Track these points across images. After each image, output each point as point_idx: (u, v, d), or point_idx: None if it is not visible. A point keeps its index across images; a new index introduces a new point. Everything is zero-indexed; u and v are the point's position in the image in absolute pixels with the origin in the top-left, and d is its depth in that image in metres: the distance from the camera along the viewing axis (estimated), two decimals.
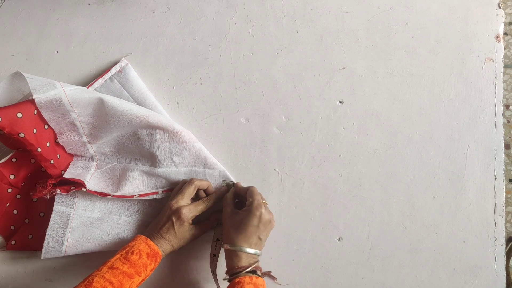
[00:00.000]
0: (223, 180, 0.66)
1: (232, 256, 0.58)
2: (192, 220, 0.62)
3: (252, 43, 0.68)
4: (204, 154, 0.66)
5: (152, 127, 0.64)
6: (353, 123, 0.67)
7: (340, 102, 0.67)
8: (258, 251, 0.59)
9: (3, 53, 0.71)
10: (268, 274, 0.62)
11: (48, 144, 0.64)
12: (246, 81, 0.68)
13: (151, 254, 0.58)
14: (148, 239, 0.59)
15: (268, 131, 0.68)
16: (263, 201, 0.61)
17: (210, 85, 0.69)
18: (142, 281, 0.57)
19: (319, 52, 0.68)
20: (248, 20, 0.69)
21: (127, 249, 0.57)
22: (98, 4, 0.70)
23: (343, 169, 0.67)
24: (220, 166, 0.66)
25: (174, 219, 0.61)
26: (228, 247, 0.58)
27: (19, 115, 0.58)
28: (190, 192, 0.62)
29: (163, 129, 0.63)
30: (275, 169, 0.68)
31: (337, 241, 0.67)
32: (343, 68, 0.67)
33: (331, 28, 0.67)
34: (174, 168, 0.66)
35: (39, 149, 0.61)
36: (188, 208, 0.61)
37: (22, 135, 0.58)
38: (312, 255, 0.67)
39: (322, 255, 0.66)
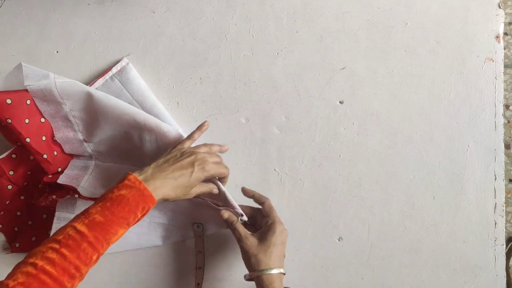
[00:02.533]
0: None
1: (269, 281, 0.55)
2: None
3: (252, 43, 0.69)
4: None
5: (140, 128, 0.64)
6: (353, 123, 0.68)
7: (340, 102, 0.68)
8: (281, 269, 0.58)
9: (3, 53, 0.72)
10: None
11: (43, 138, 0.65)
12: (246, 81, 0.69)
13: (142, 202, 0.50)
14: (142, 183, 0.50)
15: (268, 131, 0.68)
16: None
17: (210, 85, 0.69)
18: (127, 230, 0.50)
19: (319, 52, 0.68)
20: (248, 20, 0.69)
21: (114, 194, 0.49)
22: (98, 4, 0.71)
23: (343, 169, 0.68)
24: None
25: (196, 167, 0.54)
26: (266, 273, 0.55)
27: (9, 101, 0.60)
28: (217, 159, 0.59)
29: (150, 130, 0.63)
30: (275, 169, 0.68)
31: (337, 241, 0.67)
32: (343, 68, 0.68)
33: (331, 28, 0.68)
34: None
35: (28, 139, 0.62)
36: (214, 165, 0.57)
37: (9, 121, 0.61)
38: (312, 255, 0.67)
39: (322, 255, 0.67)
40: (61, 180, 0.63)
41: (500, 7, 0.66)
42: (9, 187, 0.67)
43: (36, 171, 0.68)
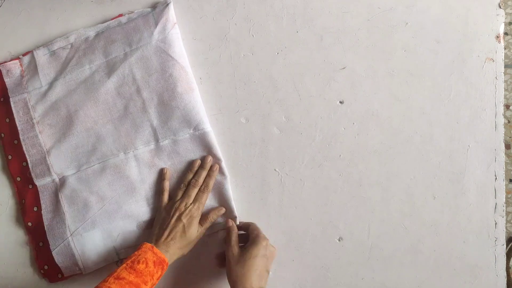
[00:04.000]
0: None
1: None
2: None
3: (252, 43, 0.69)
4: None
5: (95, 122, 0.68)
6: (353, 123, 0.68)
7: (340, 102, 0.68)
8: None
9: (3, 53, 0.72)
10: None
11: (15, 142, 0.70)
12: (246, 81, 0.69)
13: (157, 262, 0.58)
14: (154, 247, 0.59)
15: (268, 131, 0.69)
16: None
17: (210, 85, 0.70)
18: None
19: (319, 52, 0.69)
20: (248, 20, 0.70)
21: (133, 258, 0.58)
22: (98, 4, 0.71)
23: (343, 169, 0.68)
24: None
25: (185, 221, 0.62)
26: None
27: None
28: (194, 192, 0.65)
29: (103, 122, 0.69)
30: (275, 169, 0.69)
31: (337, 241, 0.68)
32: (343, 68, 0.68)
33: (331, 28, 0.68)
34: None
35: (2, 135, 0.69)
36: (196, 205, 0.64)
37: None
38: (312, 255, 0.68)
39: (322, 255, 0.67)
40: (66, 273, 0.68)
41: (500, 7, 0.67)
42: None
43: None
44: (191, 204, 0.64)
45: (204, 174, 0.66)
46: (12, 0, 0.73)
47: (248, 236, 0.64)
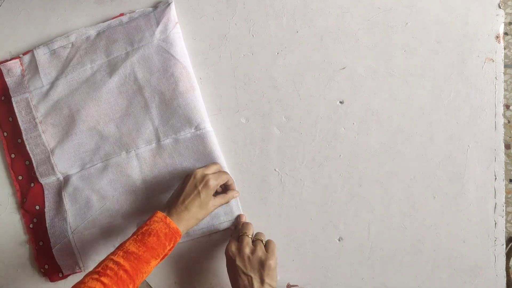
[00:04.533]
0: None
1: None
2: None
3: (252, 43, 0.70)
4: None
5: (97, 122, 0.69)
6: (353, 123, 0.68)
7: (340, 102, 0.69)
8: None
9: (2, 53, 0.73)
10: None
11: (18, 141, 0.71)
12: (246, 81, 0.70)
13: (169, 234, 0.56)
14: (167, 218, 0.57)
15: (268, 131, 0.69)
16: (259, 238, 0.63)
17: (210, 85, 0.70)
18: (159, 262, 0.57)
19: (319, 52, 0.69)
20: (248, 20, 0.70)
21: (144, 228, 0.56)
22: (98, 4, 0.72)
23: (343, 169, 0.68)
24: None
25: (200, 188, 0.60)
26: None
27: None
28: (215, 168, 0.64)
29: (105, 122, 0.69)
30: (275, 169, 0.69)
31: (337, 241, 0.68)
32: (343, 68, 0.68)
33: (331, 28, 0.69)
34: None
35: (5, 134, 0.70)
36: (214, 176, 0.61)
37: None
38: (312, 255, 0.68)
39: (322, 255, 0.68)
40: (65, 272, 0.69)
41: (500, 7, 0.67)
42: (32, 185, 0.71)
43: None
44: (209, 173, 0.62)
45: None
46: (12, 0, 0.73)
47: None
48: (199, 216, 0.60)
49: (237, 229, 0.66)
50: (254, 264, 0.59)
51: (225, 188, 0.66)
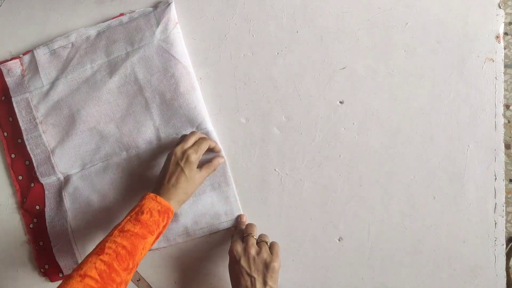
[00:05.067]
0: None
1: None
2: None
3: (252, 43, 0.70)
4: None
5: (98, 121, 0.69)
6: (353, 123, 0.68)
7: (340, 102, 0.69)
8: None
9: (2, 53, 0.73)
10: None
11: (19, 141, 0.71)
12: (246, 81, 0.70)
13: (162, 210, 0.58)
14: (158, 196, 0.58)
15: (268, 131, 0.69)
16: (264, 240, 0.63)
17: (210, 85, 0.70)
18: (156, 238, 0.58)
19: (319, 52, 0.69)
20: (248, 20, 0.70)
21: (136, 209, 0.57)
22: (98, 4, 0.72)
23: (343, 169, 0.68)
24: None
25: (182, 164, 0.61)
26: None
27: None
28: (193, 138, 0.64)
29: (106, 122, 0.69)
30: (275, 169, 0.69)
31: (337, 241, 0.68)
32: (343, 68, 0.69)
33: (331, 28, 0.69)
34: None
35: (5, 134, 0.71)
36: (193, 148, 0.62)
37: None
38: (312, 255, 0.68)
39: (322, 255, 0.68)
40: (65, 271, 0.69)
41: (500, 7, 0.67)
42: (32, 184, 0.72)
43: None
44: (188, 148, 0.62)
45: (200, 134, 0.66)
46: (12, 0, 0.73)
47: None
48: (189, 191, 0.61)
49: (239, 229, 0.66)
50: (258, 266, 0.59)
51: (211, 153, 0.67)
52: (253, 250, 0.60)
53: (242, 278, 0.58)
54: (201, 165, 0.64)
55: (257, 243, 0.62)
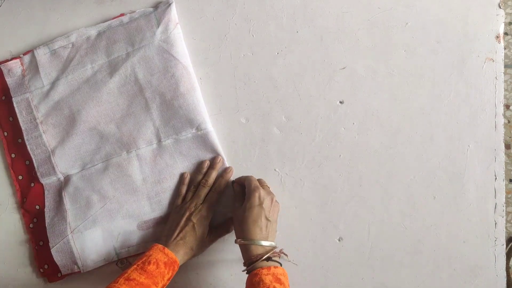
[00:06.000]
0: (232, 181, 0.69)
1: (246, 249, 0.59)
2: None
3: (252, 43, 0.70)
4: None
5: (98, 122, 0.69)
6: (353, 123, 0.69)
7: (340, 102, 0.69)
8: (272, 243, 0.60)
9: (2, 53, 0.73)
10: (281, 253, 0.62)
11: (19, 141, 0.71)
12: (246, 81, 0.70)
13: (168, 263, 0.59)
14: (165, 248, 0.60)
15: (268, 131, 0.70)
16: (265, 185, 0.65)
17: (210, 85, 0.71)
18: None
19: (319, 52, 0.69)
20: (248, 20, 0.70)
21: (143, 258, 0.58)
22: (98, 4, 0.72)
23: (343, 169, 0.69)
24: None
25: (195, 221, 0.63)
26: (241, 241, 0.59)
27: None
28: (205, 191, 0.66)
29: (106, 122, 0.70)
30: (275, 169, 0.69)
31: (337, 241, 0.68)
32: (343, 68, 0.69)
33: (331, 28, 0.69)
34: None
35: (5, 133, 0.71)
36: (206, 205, 0.64)
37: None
38: (312, 255, 0.68)
39: (322, 255, 0.68)
40: (64, 271, 0.69)
41: (500, 7, 0.67)
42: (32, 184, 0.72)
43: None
44: (201, 204, 0.65)
45: (214, 174, 0.67)
46: (12, 0, 0.74)
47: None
48: (196, 250, 0.63)
49: (252, 180, 0.65)
50: (275, 213, 0.63)
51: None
52: (274, 198, 0.63)
53: (260, 220, 0.59)
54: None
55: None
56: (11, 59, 0.72)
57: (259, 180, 0.67)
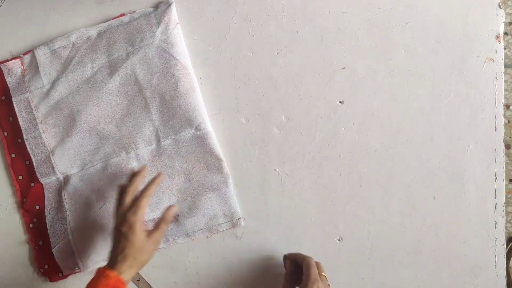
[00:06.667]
0: (284, 255, 0.66)
1: None
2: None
3: (252, 43, 0.70)
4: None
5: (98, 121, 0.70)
6: (353, 123, 0.69)
7: (340, 102, 0.69)
8: None
9: (2, 53, 0.74)
10: None
11: (19, 141, 0.71)
12: (246, 81, 0.70)
13: (115, 285, 0.55)
14: (107, 269, 0.57)
15: (268, 131, 0.70)
16: (322, 273, 0.61)
17: (210, 85, 0.71)
18: None
19: (319, 52, 0.69)
20: (248, 20, 0.71)
21: (91, 286, 0.56)
22: (98, 4, 0.72)
23: (343, 169, 0.69)
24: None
25: (123, 230, 0.58)
26: None
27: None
28: (129, 198, 0.61)
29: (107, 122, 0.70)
30: (275, 169, 0.69)
31: (337, 241, 0.69)
32: (343, 68, 0.69)
33: (331, 28, 0.69)
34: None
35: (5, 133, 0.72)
36: (131, 211, 0.59)
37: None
38: (312, 255, 0.68)
39: (322, 255, 0.68)
40: (65, 271, 0.69)
41: (500, 7, 0.68)
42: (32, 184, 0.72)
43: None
44: (126, 211, 0.60)
45: (138, 180, 0.63)
46: (12, 0, 0.74)
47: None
48: (141, 257, 0.59)
49: (309, 269, 0.60)
50: None
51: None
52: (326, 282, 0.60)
53: None
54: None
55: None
56: (11, 59, 0.72)
57: (316, 264, 0.62)
